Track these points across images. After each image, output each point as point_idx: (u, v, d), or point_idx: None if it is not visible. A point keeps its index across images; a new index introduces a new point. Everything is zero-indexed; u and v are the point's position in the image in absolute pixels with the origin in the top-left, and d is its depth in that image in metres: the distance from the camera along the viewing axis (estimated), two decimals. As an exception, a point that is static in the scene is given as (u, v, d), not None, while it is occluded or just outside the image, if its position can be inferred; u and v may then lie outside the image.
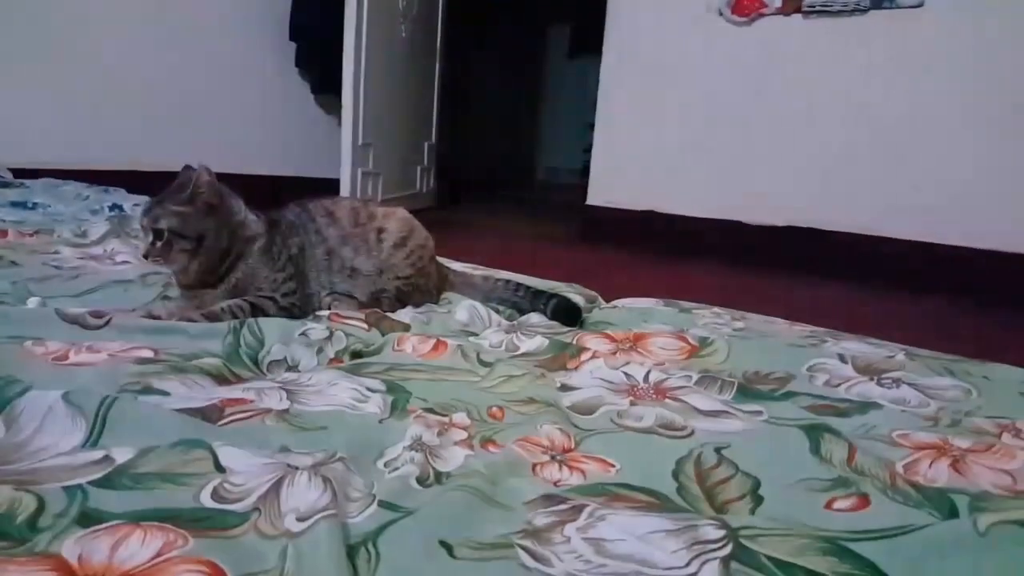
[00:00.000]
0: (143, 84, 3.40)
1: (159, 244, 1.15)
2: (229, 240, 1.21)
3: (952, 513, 0.66)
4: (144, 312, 1.15)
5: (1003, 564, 0.56)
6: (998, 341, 1.79)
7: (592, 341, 1.19)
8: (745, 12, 2.75)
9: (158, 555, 0.52)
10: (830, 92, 2.63)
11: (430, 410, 0.87)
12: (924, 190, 2.46)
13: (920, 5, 2.40)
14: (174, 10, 3.46)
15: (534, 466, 0.74)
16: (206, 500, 0.61)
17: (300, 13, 3.76)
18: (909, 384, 1.03)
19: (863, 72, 2.55)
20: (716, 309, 1.47)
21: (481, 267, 1.74)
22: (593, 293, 1.58)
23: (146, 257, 1.16)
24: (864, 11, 2.51)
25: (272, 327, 1.06)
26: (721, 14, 2.81)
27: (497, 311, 1.38)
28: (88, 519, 0.56)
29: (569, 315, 1.35)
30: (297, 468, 0.64)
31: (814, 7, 2.60)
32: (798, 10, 2.64)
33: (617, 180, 3.22)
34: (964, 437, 0.82)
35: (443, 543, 0.57)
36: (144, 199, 2.54)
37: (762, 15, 2.72)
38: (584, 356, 1.11)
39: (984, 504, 0.67)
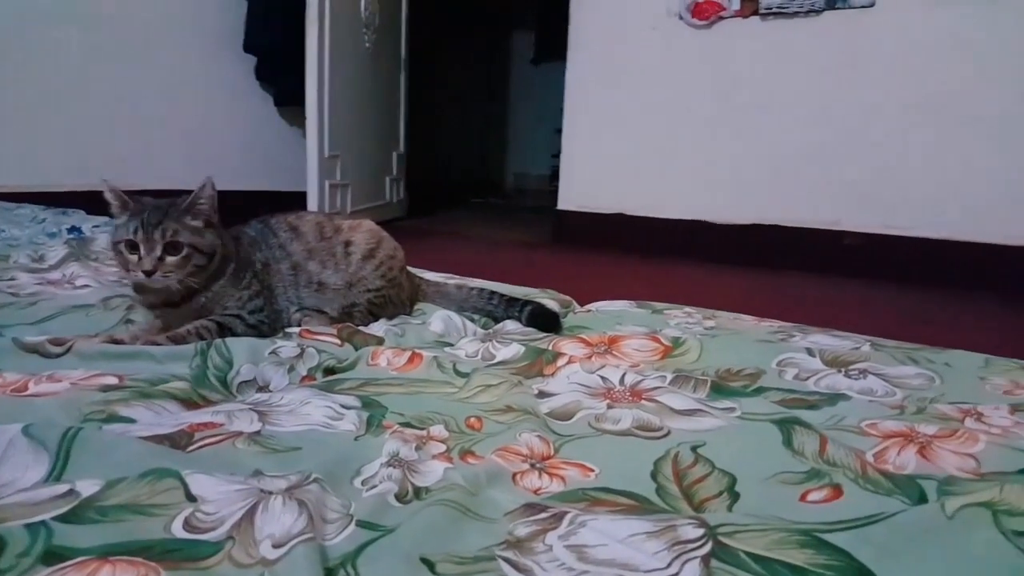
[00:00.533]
0: (99, 102, 3.33)
1: (173, 259, 1.10)
2: None
3: (921, 499, 0.68)
4: (106, 337, 1.11)
5: (970, 545, 0.58)
6: (958, 326, 1.83)
7: (568, 346, 1.20)
8: (705, 16, 2.79)
9: (129, 589, 0.51)
10: (789, 91, 2.68)
11: (407, 424, 0.86)
12: (882, 184, 2.52)
13: (872, 5, 2.46)
14: (129, 26, 3.39)
15: (514, 475, 0.74)
16: (178, 531, 0.59)
17: (254, 26, 3.70)
18: (875, 374, 1.06)
19: (820, 71, 2.61)
20: (687, 309, 1.48)
21: (455, 276, 1.74)
22: (567, 298, 1.59)
23: (149, 274, 1.09)
24: (819, 12, 2.56)
25: (240, 347, 1.04)
26: (681, 18, 2.85)
27: (472, 320, 1.38)
28: (54, 557, 0.54)
29: (547, 322, 1.35)
30: (271, 492, 0.63)
31: (771, 9, 2.65)
32: (756, 12, 2.69)
33: (586, 184, 3.24)
34: (929, 424, 0.84)
35: (424, 560, 0.56)
36: (104, 220, 2.50)
37: (721, 18, 2.77)
38: (560, 361, 1.11)
39: (951, 488, 0.68)
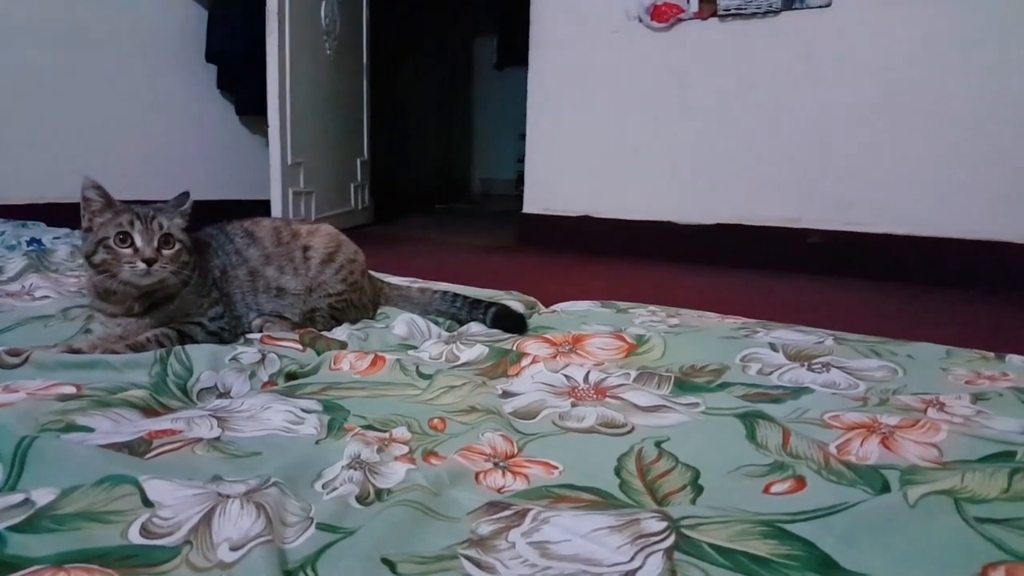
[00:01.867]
0: (58, 114, 3.26)
1: (169, 252, 1.10)
2: None
3: (884, 488, 0.69)
4: (65, 347, 1.09)
5: (932, 532, 0.59)
6: (920, 320, 1.87)
7: (532, 346, 1.20)
8: (664, 18, 2.82)
9: (82, 598, 0.50)
10: (749, 92, 2.72)
11: (369, 427, 0.86)
12: (843, 181, 2.57)
13: (828, 5, 2.51)
14: (89, 37, 3.32)
15: (477, 475, 0.74)
16: (134, 537, 0.58)
17: (215, 35, 3.67)
18: (838, 367, 1.07)
19: (779, 71, 2.65)
20: (651, 307, 1.50)
21: (418, 280, 1.73)
22: (532, 299, 1.59)
23: (151, 262, 1.07)
24: (776, 12, 2.61)
25: (200, 354, 1.02)
26: (641, 21, 2.87)
27: (436, 323, 1.37)
28: (7, 567, 0.53)
29: (512, 323, 1.35)
30: (229, 496, 0.62)
31: (729, 10, 2.68)
32: (714, 14, 2.73)
33: (551, 188, 3.25)
34: (892, 414, 0.86)
35: (386, 560, 0.56)
36: (65, 231, 2.45)
37: (680, 20, 2.80)
38: (524, 361, 1.11)
39: (913, 477, 0.70)
